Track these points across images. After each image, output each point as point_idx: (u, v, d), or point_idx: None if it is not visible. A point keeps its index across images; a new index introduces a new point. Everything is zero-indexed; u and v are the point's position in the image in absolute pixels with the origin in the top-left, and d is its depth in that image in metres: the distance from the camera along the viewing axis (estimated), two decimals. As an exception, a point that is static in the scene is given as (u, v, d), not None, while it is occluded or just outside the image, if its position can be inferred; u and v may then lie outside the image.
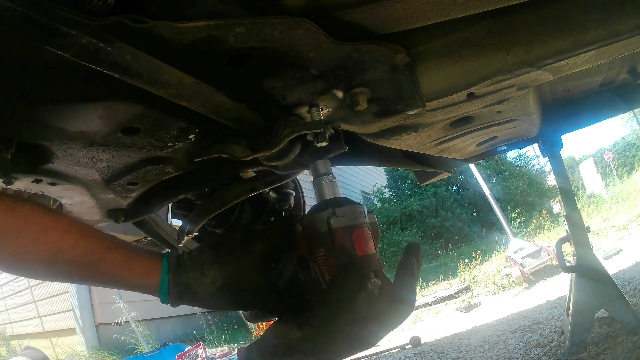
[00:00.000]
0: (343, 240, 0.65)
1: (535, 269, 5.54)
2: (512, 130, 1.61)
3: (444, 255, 11.50)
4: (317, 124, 0.78)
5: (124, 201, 1.20)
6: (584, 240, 2.34)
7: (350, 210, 0.67)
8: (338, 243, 0.64)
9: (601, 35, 0.86)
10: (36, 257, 0.62)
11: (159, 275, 0.66)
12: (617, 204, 8.40)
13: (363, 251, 0.65)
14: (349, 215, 0.66)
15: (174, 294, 0.65)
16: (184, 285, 0.66)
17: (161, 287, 0.66)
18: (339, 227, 0.65)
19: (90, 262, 0.64)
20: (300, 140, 0.87)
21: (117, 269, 0.65)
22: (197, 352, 5.06)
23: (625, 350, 2.13)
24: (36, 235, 0.61)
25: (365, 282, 0.62)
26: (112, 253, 0.65)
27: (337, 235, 0.65)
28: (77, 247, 0.63)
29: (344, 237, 0.65)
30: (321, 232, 0.66)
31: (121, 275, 0.65)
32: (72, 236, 0.63)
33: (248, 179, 1.28)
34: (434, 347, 3.75)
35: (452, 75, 0.92)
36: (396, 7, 0.69)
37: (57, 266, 0.64)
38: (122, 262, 0.65)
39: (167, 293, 0.65)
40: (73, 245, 0.63)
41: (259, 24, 0.62)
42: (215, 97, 0.71)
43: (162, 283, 0.66)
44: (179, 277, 0.66)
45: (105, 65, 0.53)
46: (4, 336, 8.69)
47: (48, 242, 0.62)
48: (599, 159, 16.99)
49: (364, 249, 0.65)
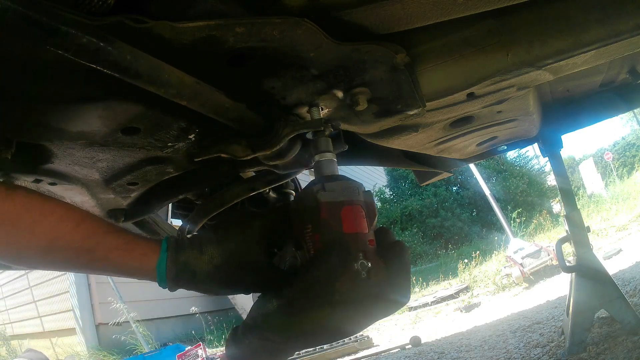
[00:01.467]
0: (329, 215, 0.62)
1: (535, 269, 5.53)
2: (512, 130, 1.61)
3: (444, 255, 11.49)
4: (317, 123, 0.78)
5: (124, 201, 1.20)
6: (584, 240, 2.34)
7: (341, 186, 0.64)
8: (324, 218, 0.61)
9: (601, 35, 0.86)
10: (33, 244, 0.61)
11: (157, 256, 0.64)
12: (617, 204, 8.40)
13: (350, 229, 0.61)
14: (340, 190, 0.64)
15: (171, 273, 0.63)
16: (183, 264, 0.64)
17: (159, 266, 0.63)
18: (325, 202, 0.62)
19: (89, 247, 0.62)
20: (300, 139, 0.87)
21: (117, 253, 0.63)
22: (197, 352, 5.06)
23: (625, 350, 2.13)
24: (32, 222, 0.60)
25: (351, 262, 0.58)
26: (111, 236, 0.64)
27: (324, 209, 0.62)
28: (75, 232, 0.62)
29: (330, 212, 0.62)
30: (309, 207, 0.63)
31: (120, 259, 0.64)
32: (69, 221, 0.62)
33: (248, 179, 1.28)
34: (434, 347, 3.75)
35: (452, 75, 0.92)
36: (396, 7, 0.69)
37: (54, 253, 0.62)
38: (121, 245, 0.64)
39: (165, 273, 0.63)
40: (71, 231, 0.61)
41: (259, 24, 0.62)
42: (215, 96, 0.71)
43: (160, 261, 0.64)
44: (178, 256, 0.64)
45: (105, 64, 0.53)
46: (4, 336, 8.68)
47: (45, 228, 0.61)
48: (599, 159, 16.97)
49: (352, 227, 0.62)
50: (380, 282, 0.60)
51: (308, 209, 0.63)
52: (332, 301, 0.57)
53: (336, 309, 0.57)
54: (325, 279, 0.57)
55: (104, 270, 0.66)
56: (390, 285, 0.61)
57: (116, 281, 6.75)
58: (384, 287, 0.60)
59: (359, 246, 0.60)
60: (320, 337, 0.63)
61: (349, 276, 0.58)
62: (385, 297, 0.61)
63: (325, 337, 0.63)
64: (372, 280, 0.59)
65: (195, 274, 0.64)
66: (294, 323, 0.59)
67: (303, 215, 0.65)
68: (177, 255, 0.64)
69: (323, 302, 0.57)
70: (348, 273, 0.58)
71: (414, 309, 6.20)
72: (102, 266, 0.65)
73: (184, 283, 0.65)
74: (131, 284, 6.85)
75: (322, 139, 0.75)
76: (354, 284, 0.58)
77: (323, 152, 0.74)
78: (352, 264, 0.58)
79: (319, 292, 0.57)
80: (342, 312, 0.58)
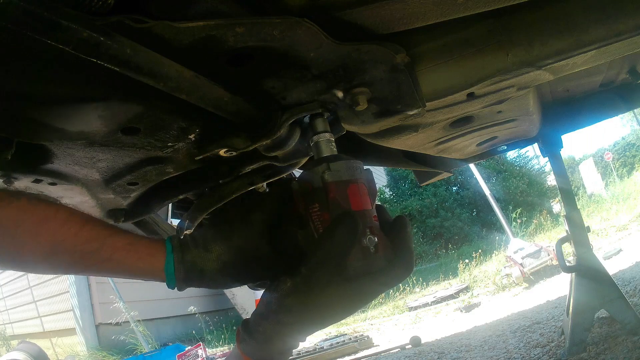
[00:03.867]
0: (337, 194, 0.63)
1: (535, 269, 5.54)
2: (512, 130, 1.61)
3: (444, 255, 11.50)
4: (315, 106, 0.78)
5: (124, 201, 1.19)
6: (584, 240, 2.34)
7: (345, 165, 0.66)
8: (332, 197, 0.63)
9: (601, 35, 0.86)
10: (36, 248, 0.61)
11: (164, 256, 0.64)
12: (617, 204, 8.40)
13: (358, 206, 0.64)
14: (344, 169, 0.65)
15: (180, 274, 0.64)
16: (190, 263, 0.64)
17: (167, 268, 0.64)
18: (333, 181, 0.64)
19: (93, 250, 0.62)
20: (299, 127, 0.88)
21: (122, 253, 0.64)
22: (197, 352, 5.06)
23: (625, 350, 2.13)
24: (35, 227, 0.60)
25: (360, 237, 0.60)
26: (115, 237, 0.64)
27: (331, 189, 0.63)
28: (79, 236, 0.62)
29: (338, 191, 0.63)
30: (315, 187, 0.65)
31: (126, 260, 0.64)
32: (73, 225, 0.62)
33: (246, 173, 1.28)
34: (434, 347, 3.75)
35: (452, 75, 0.92)
36: (396, 7, 0.69)
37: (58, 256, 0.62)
38: (126, 245, 0.64)
39: (174, 274, 0.64)
40: (75, 234, 0.62)
41: (259, 24, 0.62)
42: (214, 90, 0.71)
43: (168, 263, 0.64)
44: (184, 255, 0.64)
45: (106, 58, 0.54)
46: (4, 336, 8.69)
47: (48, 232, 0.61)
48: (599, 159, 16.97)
49: (359, 204, 0.64)
50: (387, 255, 0.63)
51: (315, 190, 0.65)
52: (345, 275, 0.59)
53: (350, 283, 0.60)
54: (338, 255, 0.59)
55: (109, 272, 0.67)
56: (396, 257, 0.63)
57: (116, 281, 6.75)
58: (390, 259, 0.63)
59: (366, 222, 0.63)
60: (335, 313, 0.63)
61: (359, 251, 0.61)
62: (392, 269, 0.63)
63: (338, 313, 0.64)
64: (380, 254, 0.62)
65: (203, 272, 0.65)
66: (311, 300, 0.60)
67: (309, 196, 0.66)
68: (184, 255, 0.65)
69: (337, 276, 0.59)
70: (358, 248, 0.60)
71: (414, 309, 6.20)
72: (107, 268, 0.65)
73: (193, 282, 0.65)
74: (131, 284, 6.85)
75: (319, 119, 0.75)
76: (364, 258, 0.61)
77: (321, 132, 0.75)
78: (362, 239, 0.61)
79: (333, 268, 0.59)
80: (355, 286, 0.60)
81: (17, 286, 9.07)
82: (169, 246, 0.65)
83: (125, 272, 0.66)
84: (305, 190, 0.66)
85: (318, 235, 0.64)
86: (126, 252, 0.64)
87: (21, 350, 2.35)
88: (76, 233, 0.62)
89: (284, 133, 0.82)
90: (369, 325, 5.92)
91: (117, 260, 0.64)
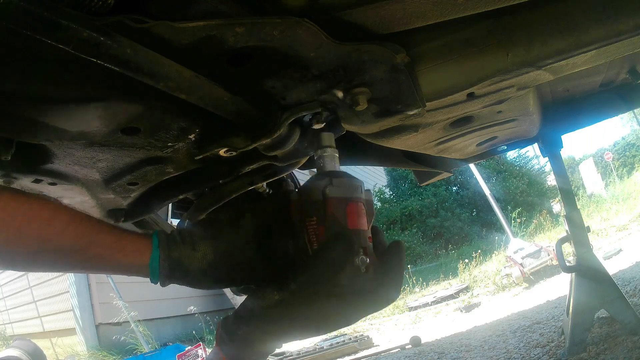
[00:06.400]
0: (335, 210, 0.64)
1: (535, 269, 5.54)
2: (512, 130, 1.61)
3: (444, 255, 11.49)
4: (314, 105, 0.78)
5: (124, 201, 1.20)
6: (584, 240, 2.34)
7: (347, 182, 0.67)
8: (330, 212, 0.64)
9: (601, 35, 0.86)
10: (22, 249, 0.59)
11: (150, 252, 0.64)
12: (617, 204, 8.40)
13: (354, 225, 0.64)
14: (345, 186, 0.66)
15: (164, 270, 0.63)
16: (175, 260, 0.64)
17: (152, 263, 0.63)
18: (333, 197, 0.64)
19: (80, 247, 0.62)
20: (299, 126, 0.88)
21: (109, 250, 0.63)
22: (197, 352, 5.06)
23: (625, 350, 2.13)
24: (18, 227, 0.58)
25: (352, 256, 0.61)
26: (101, 235, 0.63)
27: (331, 204, 0.64)
28: (64, 234, 0.61)
29: (337, 207, 0.64)
30: (315, 200, 0.65)
31: (113, 256, 0.63)
32: (58, 223, 0.61)
33: (246, 173, 1.28)
34: (434, 347, 3.75)
35: (452, 75, 0.92)
36: (396, 7, 0.69)
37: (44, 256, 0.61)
38: (113, 242, 0.63)
39: (158, 269, 0.63)
40: (60, 233, 0.61)
41: (259, 24, 0.62)
42: (214, 90, 0.71)
43: (153, 259, 0.63)
44: (170, 252, 0.64)
45: (106, 58, 0.54)
46: (4, 336, 8.68)
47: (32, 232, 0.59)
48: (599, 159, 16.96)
49: (355, 223, 0.64)
50: (376, 277, 0.63)
51: (314, 203, 0.65)
52: (334, 293, 0.59)
53: (340, 300, 0.60)
54: (330, 270, 0.59)
55: (97, 269, 0.66)
56: (384, 280, 0.63)
57: (116, 281, 6.75)
58: (378, 281, 0.63)
59: (360, 242, 0.63)
60: (317, 327, 0.64)
61: (350, 270, 0.61)
62: (378, 293, 0.63)
63: (321, 327, 0.64)
64: (369, 276, 0.62)
65: (188, 271, 0.65)
66: (296, 314, 0.60)
67: (308, 208, 0.66)
68: (170, 252, 0.64)
69: (327, 293, 0.59)
70: (349, 267, 0.61)
71: (414, 309, 6.20)
72: (95, 265, 0.64)
73: (176, 279, 0.65)
74: (131, 284, 6.85)
75: (325, 134, 0.76)
76: (353, 277, 0.61)
77: (326, 147, 0.75)
78: (354, 258, 0.61)
79: (323, 284, 0.59)
80: (340, 303, 0.60)
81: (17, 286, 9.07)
82: (156, 242, 0.65)
83: (113, 269, 0.65)
84: (305, 201, 0.67)
85: (312, 251, 0.64)
86: (113, 248, 0.63)
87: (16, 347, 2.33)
88: (61, 232, 0.61)
89: (283, 132, 0.83)
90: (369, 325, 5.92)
91: (104, 258, 0.63)
